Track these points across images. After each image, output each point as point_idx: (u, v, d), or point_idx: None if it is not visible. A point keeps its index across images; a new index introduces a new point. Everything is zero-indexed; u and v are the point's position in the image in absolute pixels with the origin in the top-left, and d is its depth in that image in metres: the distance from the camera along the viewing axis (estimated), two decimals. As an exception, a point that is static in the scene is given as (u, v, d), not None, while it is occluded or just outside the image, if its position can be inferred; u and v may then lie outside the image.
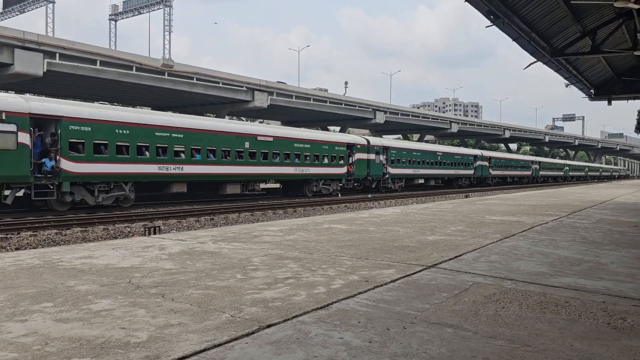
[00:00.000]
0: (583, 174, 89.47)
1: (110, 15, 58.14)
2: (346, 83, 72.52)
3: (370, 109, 56.45)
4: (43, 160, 16.76)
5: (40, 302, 3.69)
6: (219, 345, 2.85)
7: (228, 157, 23.30)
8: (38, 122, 16.82)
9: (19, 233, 12.93)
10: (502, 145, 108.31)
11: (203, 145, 22.09)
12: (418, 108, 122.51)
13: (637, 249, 6.66)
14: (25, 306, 3.58)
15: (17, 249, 11.11)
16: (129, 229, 14.37)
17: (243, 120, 52.97)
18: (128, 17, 57.24)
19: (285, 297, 3.88)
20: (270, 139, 25.54)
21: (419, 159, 38.66)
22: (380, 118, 57.14)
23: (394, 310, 3.58)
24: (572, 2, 11.86)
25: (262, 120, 60.48)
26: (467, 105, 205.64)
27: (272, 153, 25.73)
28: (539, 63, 15.45)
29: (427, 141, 76.84)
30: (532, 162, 64.87)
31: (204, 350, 2.77)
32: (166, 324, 3.20)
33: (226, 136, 23.21)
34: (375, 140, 34.77)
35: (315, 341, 2.93)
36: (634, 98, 22.73)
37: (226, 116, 45.92)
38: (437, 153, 42.25)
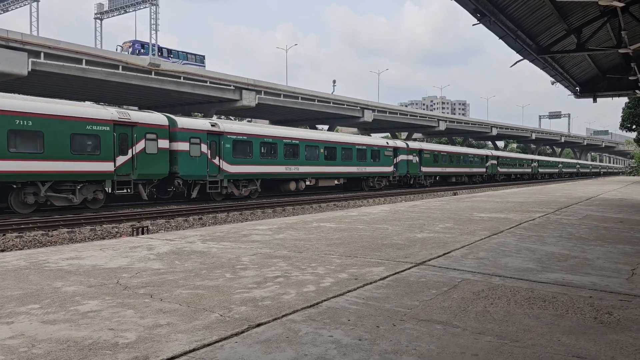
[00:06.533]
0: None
1: (95, 14, 57.47)
2: (334, 81, 72.46)
3: (359, 108, 56.49)
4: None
5: (27, 303, 3.64)
6: (209, 344, 2.84)
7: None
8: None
9: (4, 234, 12.76)
10: (490, 142, 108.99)
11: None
12: (406, 106, 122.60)
13: (622, 245, 6.75)
14: (11, 308, 3.53)
15: (2, 250, 10.96)
16: (116, 230, 14.26)
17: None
18: (114, 15, 56.59)
19: (275, 296, 3.87)
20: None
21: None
22: (368, 116, 57.23)
23: (383, 308, 3.59)
24: (557, 0, 11.96)
25: (250, 119, 60.25)
26: (454, 104, 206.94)
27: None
28: (526, 61, 15.56)
29: (415, 139, 77.08)
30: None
31: (194, 350, 2.75)
32: (155, 324, 3.18)
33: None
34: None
35: (305, 340, 2.93)
36: (619, 95, 23.01)
37: (214, 115, 45.63)
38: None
